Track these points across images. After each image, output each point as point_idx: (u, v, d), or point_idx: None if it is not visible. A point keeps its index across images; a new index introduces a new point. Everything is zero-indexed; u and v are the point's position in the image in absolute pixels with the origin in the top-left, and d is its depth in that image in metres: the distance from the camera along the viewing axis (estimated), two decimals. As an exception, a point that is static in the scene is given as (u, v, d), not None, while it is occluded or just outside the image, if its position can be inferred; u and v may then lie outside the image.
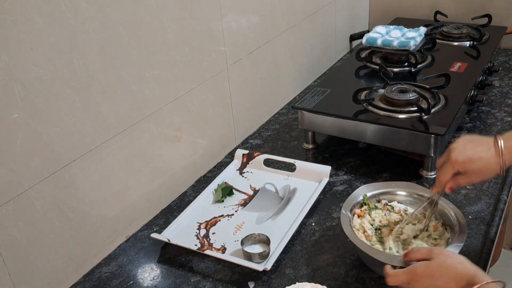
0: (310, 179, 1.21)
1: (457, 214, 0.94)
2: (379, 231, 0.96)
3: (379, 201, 1.03)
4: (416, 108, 1.22)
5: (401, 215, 0.99)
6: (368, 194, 1.02)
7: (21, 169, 0.83)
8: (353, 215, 0.98)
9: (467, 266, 0.74)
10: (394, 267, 0.82)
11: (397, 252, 0.91)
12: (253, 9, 1.36)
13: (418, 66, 1.48)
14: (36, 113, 0.83)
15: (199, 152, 1.27)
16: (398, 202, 1.02)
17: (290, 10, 1.54)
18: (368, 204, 1.00)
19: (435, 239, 0.93)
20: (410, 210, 1.00)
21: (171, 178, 1.19)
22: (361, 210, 0.99)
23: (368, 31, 1.84)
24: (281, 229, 1.05)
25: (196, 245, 1.03)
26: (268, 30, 1.45)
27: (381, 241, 0.95)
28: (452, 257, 0.76)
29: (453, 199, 1.11)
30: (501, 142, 0.84)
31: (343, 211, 0.96)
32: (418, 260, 0.79)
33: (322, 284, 0.89)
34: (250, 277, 0.96)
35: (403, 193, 1.03)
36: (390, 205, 1.01)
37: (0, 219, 0.82)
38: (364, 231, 0.96)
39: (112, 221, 1.04)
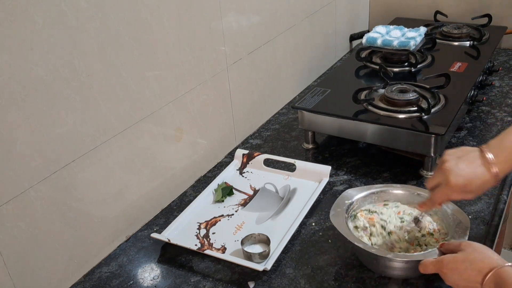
0: (310, 179, 1.21)
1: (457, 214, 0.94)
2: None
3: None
4: (416, 108, 1.22)
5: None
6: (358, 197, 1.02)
7: (21, 169, 0.83)
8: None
9: (492, 260, 0.76)
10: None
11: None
12: (253, 9, 1.36)
13: (418, 66, 1.48)
14: (36, 113, 0.84)
15: (199, 152, 1.27)
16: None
17: (290, 10, 1.54)
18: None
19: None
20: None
21: (171, 178, 1.19)
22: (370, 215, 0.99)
23: (368, 31, 1.84)
24: (281, 229, 1.05)
25: (196, 245, 1.03)
26: (268, 30, 1.45)
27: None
28: (478, 250, 0.78)
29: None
30: (490, 156, 0.81)
31: (333, 212, 0.97)
32: (451, 251, 0.83)
33: (322, 283, 0.89)
34: (250, 277, 0.96)
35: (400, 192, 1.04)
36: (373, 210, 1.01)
37: (0, 219, 0.82)
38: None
39: (112, 221, 1.04)
